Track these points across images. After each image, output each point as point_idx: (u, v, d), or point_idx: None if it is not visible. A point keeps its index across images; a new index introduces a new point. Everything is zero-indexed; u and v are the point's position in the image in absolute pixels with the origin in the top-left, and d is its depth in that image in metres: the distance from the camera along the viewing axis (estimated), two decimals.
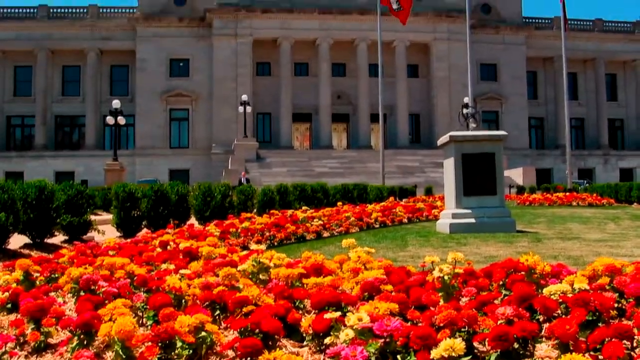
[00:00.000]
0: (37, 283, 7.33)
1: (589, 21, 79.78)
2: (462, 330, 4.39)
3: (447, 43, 71.66)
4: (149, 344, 4.43)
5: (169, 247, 9.85)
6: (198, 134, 69.61)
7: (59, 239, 14.94)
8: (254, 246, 9.15)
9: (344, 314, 4.73)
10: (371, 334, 4.34)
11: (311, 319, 4.82)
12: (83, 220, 15.34)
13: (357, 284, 5.99)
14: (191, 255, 8.45)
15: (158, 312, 5.11)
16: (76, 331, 4.96)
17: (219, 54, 68.63)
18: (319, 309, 5.12)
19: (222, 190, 18.93)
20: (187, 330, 4.57)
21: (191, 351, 4.54)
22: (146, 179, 54.55)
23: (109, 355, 4.89)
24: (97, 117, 70.29)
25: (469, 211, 15.63)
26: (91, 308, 5.35)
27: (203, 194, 18.68)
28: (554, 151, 75.02)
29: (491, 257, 10.18)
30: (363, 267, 6.72)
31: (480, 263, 8.74)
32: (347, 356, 4.00)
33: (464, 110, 41.47)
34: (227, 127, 67.18)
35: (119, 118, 47.93)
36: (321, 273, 6.55)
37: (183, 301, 5.87)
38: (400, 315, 4.83)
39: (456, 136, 16.23)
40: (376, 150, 62.35)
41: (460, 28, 64.68)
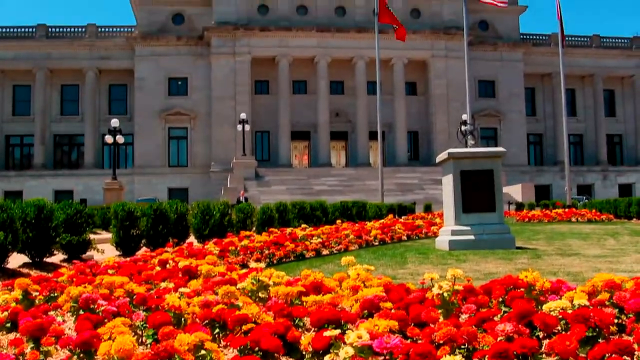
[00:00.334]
0: (37, 302, 7.33)
1: (587, 37, 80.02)
2: (462, 347, 4.39)
3: (444, 60, 71.81)
4: None
5: (168, 265, 9.85)
6: (197, 153, 69.60)
7: (58, 258, 14.90)
8: (253, 264, 9.13)
9: (343, 332, 4.72)
10: (371, 351, 4.33)
11: (311, 337, 4.81)
12: (82, 239, 15.30)
13: (356, 301, 5.99)
14: (190, 273, 8.45)
15: (157, 331, 5.11)
16: (75, 350, 4.95)
17: (217, 72, 68.70)
18: (319, 327, 5.12)
19: (221, 208, 18.89)
20: (186, 348, 4.56)
21: None
22: (145, 198, 54.54)
23: None
24: (96, 136, 70.28)
25: (468, 228, 15.62)
26: (90, 327, 5.34)
27: (202, 213, 18.64)
28: (552, 167, 75.08)
29: (491, 273, 10.17)
30: (362, 285, 6.72)
31: (480, 280, 8.74)
32: None
33: (463, 127, 41.48)
34: (225, 145, 67.17)
35: (118, 137, 48.05)
36: (320, 291, 6.55)
37: (182, 320, 5.86)
38: (400, 332, 4.83)
39: (455, 153, 16.26)
40: (375, 167, 62.37)
41: (458, 45, 65.02)
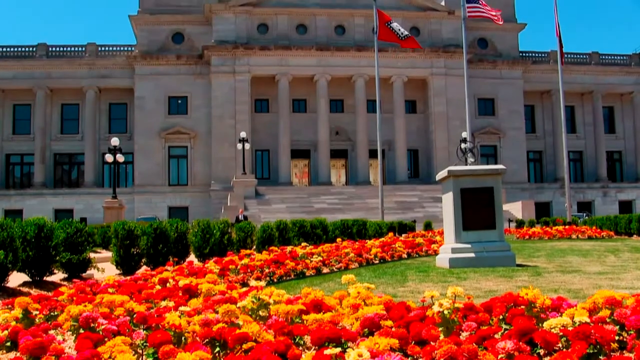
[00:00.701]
0: (37, 321, 7.32)
1: (586, 54, 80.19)
2: None
3: (444, 78, 71.91)
4: None
5: (168, 284, 9.83)
6: (197, 171, 69.59)
7: (58, 276, 14.90)
8: (253, 283, 9.13)
9: (344, 350, 4.72)
10: None
11: (311, 355, 4.80)
12: (82, 258, 15.30)
13: (357, 319, 5.99)
14: (191, 292, 8.44)
15: (158, 350, 5.10)
16: None
17: (217, 91, 68.80)
18: (319, 345, 5.11)
19: (221, 227, 18.90)
20: None
21: None
22: (145, 217, 54.62)
23: None
24: (96, 155, 70.34)
25: (469, 245, 15.60)
26: (91, 346, 5.33)
27: (202, 231, 18.65)
28: (552, 184, 75.08)
29: (491, 291, 10.16)
30: (363, 303, 6.71)
31: (480, 297, 8.73)
32: None
33: (462, 145, 41.51)
34: (225, 164, 67.19)
35: (118, 156, 48.10)
36: (321, 309, 6.55)
37: (183, 338, 5.85)
38: (401, 350, 4.82)
39: (455, 171, 16.28)
40: (375, 185, 62.43)
41: (458, 63, 65.26)
